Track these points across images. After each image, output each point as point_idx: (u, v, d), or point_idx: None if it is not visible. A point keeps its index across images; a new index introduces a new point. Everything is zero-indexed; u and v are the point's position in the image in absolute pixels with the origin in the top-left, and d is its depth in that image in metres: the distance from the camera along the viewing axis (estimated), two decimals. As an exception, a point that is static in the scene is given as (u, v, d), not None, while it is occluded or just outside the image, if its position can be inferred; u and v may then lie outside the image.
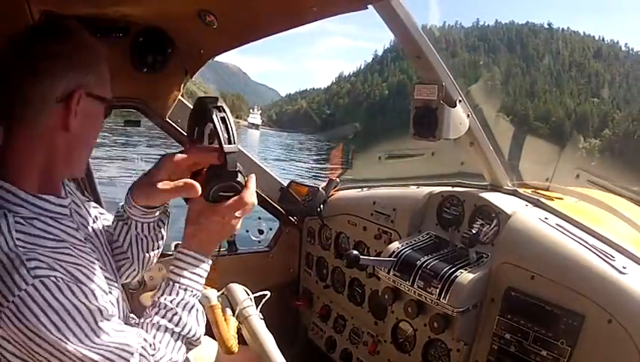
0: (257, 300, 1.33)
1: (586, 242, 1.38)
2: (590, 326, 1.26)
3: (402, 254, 1.62)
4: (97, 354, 0.88)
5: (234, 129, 1.04)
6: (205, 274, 1.08)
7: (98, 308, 0.89)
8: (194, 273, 1.05)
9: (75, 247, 0.96)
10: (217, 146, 1.03)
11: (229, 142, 1.02)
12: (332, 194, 2.23)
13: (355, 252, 1.61)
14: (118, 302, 1.02)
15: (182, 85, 1.93)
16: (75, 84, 0.93)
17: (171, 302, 1.01)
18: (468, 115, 1.57)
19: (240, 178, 1.08)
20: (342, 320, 2.14)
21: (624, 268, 1.28)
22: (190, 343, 1.05)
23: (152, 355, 0.95)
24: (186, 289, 1.04)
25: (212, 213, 1.06)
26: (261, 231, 2.34)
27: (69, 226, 0.99)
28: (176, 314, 1.01)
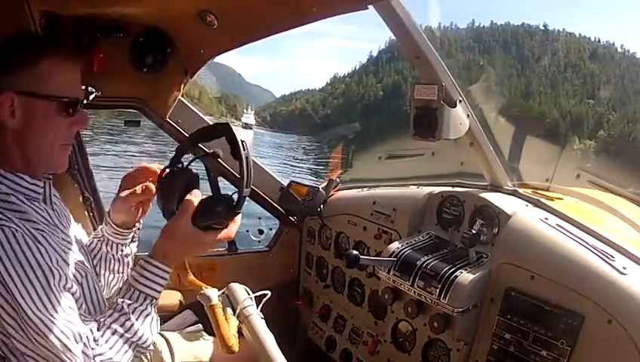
0: (258, 300, 1.34)
1: (586, 242, 1.38)
2: (590, 327, 1.26)
3: (402, 254, 1.62)
4: (44, 317, 0.93)
5: (252, 173, 1.05)
6: (165, 282, 1.11)
7: (55, 272, 0.97)
8: (156, 283, 1.09)
9: (43, 223, 1.05)
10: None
11: (246, 186, 1.04)
12: (332, 194, 2.23)
13: (355, 252, 1.61)
14: (84, 291, 1.09)
15: (182, 85, 1.93)
16: (6, 85, 1.02)
17: (128, 306, 1.05)
18: (468, 115, 1.57)
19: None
20: (342, 319, 2.14)
21: (624, 268, 1.28)
22: (140, 348, 1.07)
23: (92, 349, 0.98)
24: (145, 298, 1.08)
25: (200, 239, 1.11)
26: (261, 231, 2.34)
27: (42, 209, 1.09)
28: (128, 319, 1.04)
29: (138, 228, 1.36)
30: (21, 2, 1.32)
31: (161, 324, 1.60)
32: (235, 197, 1.08)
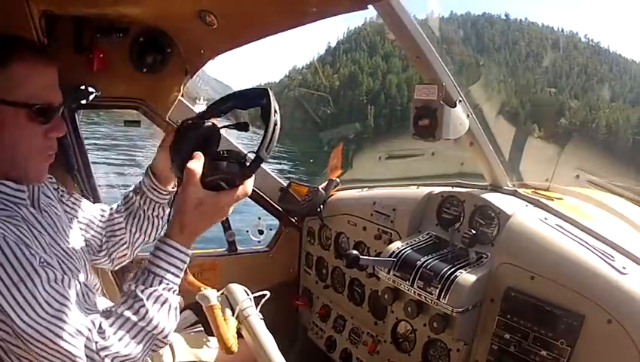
0: (257, 300, 1.33)
1: (586, 242, 1.38)
2: (590, 327, 1.26)
3: (402, 254, 1.62)
4: (34, 324, 0.86)
5: (276, 140, 0.99)
6: (183, 268, 1.02)
7: (41, 271, 0.89)
8: (172, 264, 0.99)
9: (29, 225, 1.01)
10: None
11: (267, 150, 0.98)
12: (332, 195, 2.23)
13: (355, 252, 1.61)
14: (77, 286, 0.99)
15: (182, 85, 1.93)
16: None
17: (142, 292, 0.96)
18: (468, 115, 1.56)
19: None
20: (342, 320, 2.14)
21: (624, 268, 1.28)
22: (157, 341, 0.99)
23: (96, 342, 0.90)
24: (161, 281, 0.97)
25: (214, 203, 1.00)
26: (261, 231, 2.34)
27: (29, 213, 1.04)
28: (143, 306, 0.94)
29: (175, 190, 1.22)
30: (21, 2, 1.32)
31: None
32: (251, 156, 0.99)
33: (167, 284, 0.98)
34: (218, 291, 1.31)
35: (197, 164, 0.99)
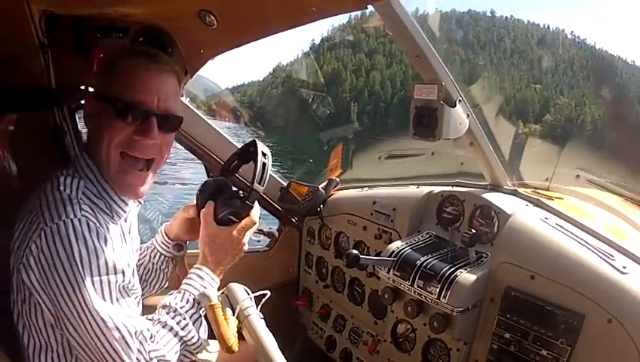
0: (257, 300, 1.34)
1: (586, 242, 1.38)
2: (590, 326, 1.26)
3: (402, 254, 1.62)
4: (107, 310, 0.95)
5: (267, 177, 1.26)
6: (214, 294, 1.18)
7: (120, 271, 1.00)
8: (205, 287, 1.19)
9: (120, 237, 1.11)
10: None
11: (260, 183, 1.24)
12: (332, 194, 2.23)
13: (355, 251, 1.61)
14: (137, 298, 1.15)
15: (182, 85, 1.93)
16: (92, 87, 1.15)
17: (181, 308, 1.12)
18: (468, 115, 1.57)
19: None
20: (342, 319, 2.14)
21: (624, 267, 1.28)
22: (189, 351, 1.14)
23: (149, 345, 1.02)
24: (196, 303, 1.15)
25: (227, 235, 1.22)
26: (261, 231, 2.34)
27: (120, 227, 1.14)
28: (184, 318, 1.11)
29: (183, 248, 1.45)
30: (21, 2, 1.32)
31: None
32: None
33: (200, 306, 1.16)
34: (218, 290, 1.32)
35: (208, 208, 1.25)
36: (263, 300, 1.33)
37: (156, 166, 1.15)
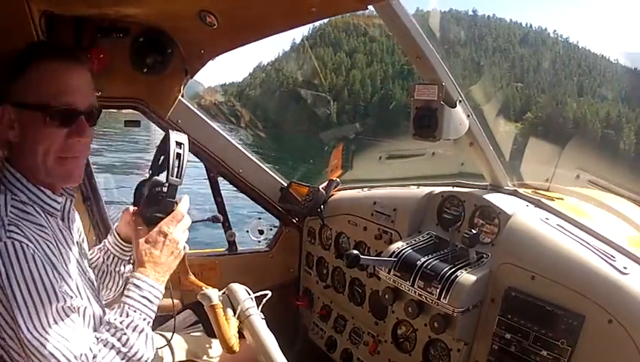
0: (258, 300, 1.34)
1: (587, 242, 1.38)
2: (590, 327, 1.26)
3: (403, 254, 1.62)
4: (41, 339, 0.91)
5: (184, 167, 1.17)
6: (156, 300, 1.11)
7: (60, 295, 0.95)
8: (143, 296, 1.09)
9: (57, 240, 1.05)
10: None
11: (176, 176, 1.16)
12: (332, 194, 2.23)
13: (356, 252, 1.61)
14: (85, 310, 1.04)
15: (182, 85, 1.93)
16: (6, 97, 1.01)
17: (121, 322, 1.04)
18: (468, 116, 1.57)
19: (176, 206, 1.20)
20: (342, 320, 2.14)
21: (625, 268, 1.28)
22: None
23: None
24: (135, 311, 1.06)
25: (155, 235, 1.14)
26: (261, 231, 2.34)
27: (57, 225, 1.08)
28: (124, 334, 1.03)
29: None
30: (21, 2, 1.32)
31: (160, 324, 1.60)
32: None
33: (141, 314, 1.07)
34: (219, 291, 1.32)
35: (134, 214, 1.21)
36: (264, 300, 1.33)
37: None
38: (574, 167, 1.85)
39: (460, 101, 1.54)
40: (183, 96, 1.97)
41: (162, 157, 1.22)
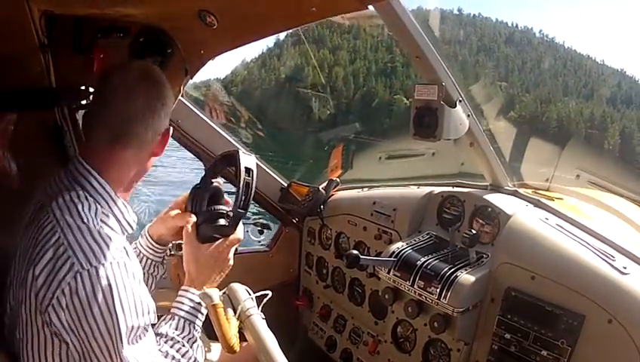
0: (258, 300, 1.33)
1: (587, 242, 1.38)
2: (590, 326, 1.26)
3: (402, 254, 1.62)
4: (134, 355, 0.95)
5: (251, 197, 1.18)
6: (205, 311, 1.17)
7: (153, 312, 1.02)
8: (197, 310, 1.16)
9: (129, 257, 1.06)
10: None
11: (242, 207, 1.17)
12: (332, 195, 2.23)
13: (356, 252, 1.61)
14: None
15: (182, 86, 1.93)
16: (168, 121, 1.17)
17: (179, 335, 1.11)
18: (468, 115, 1.57)
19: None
20: (342, 320, 2.14)
21: (624, 268, 1.28)
22: None
23: None
24: (190, 324, 1.14)
25: (211, 253, 1.19)
26: (261, 231, 2.33)
27: (129, 244, 1.10)
28: (184, 346, 1.11)
29: (170, 250, 1.40)
30: (21, 2, 1.32)
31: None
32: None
33: (194, 326, 1.15)
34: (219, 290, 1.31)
35: (188, 225, 1.20)
36: (265, 300, 1.33)
37: None
38: (574, 167, 1.85)
39: (460, 101, 1.54)
40: (183, 96, 1.97)
41: (219, 166, 1.26)
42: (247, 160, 1.20)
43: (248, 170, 1.18)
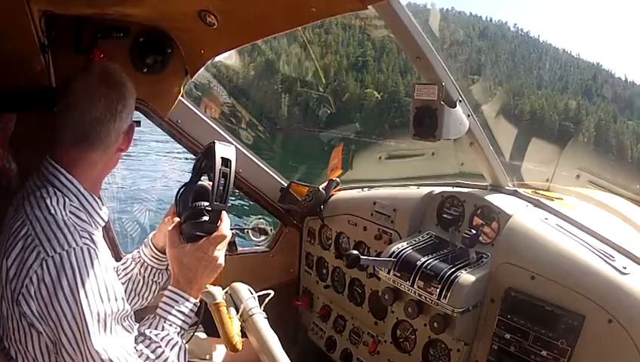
0: (260, 299, 1.34)
1: (587, 242, 1.38)
2: (590, 326, 1.26)
3: (402, 254, 1.62)
4: (101, 343, 0.95)
5: (230, 189, 1.12)
6: (191, 314, 1.15)
7: (122, 299, 1.02)
8: (180, 311, 1.12)
9: (96, 246, 1.07)
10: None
11: (221, 201, 1.11)
12: (332, 195, 2.23)
13: (356, 252, 1.61)
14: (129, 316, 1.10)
15: (182, 85, 1.93)
16: (131, 118, 1.22)
17: (156, 336, 1.08)
18: (468, 115, 1.57)
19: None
20: (342, 320, 2.14)
21: (624, 268, 1.28)
22: None
23: None
24: (171, 325, 1.11)
25: (194, 253, 1.14)
26: (262, 231, 2.33)
27: (99, 237, 1.13)
28: (159, 347, 1.07)
29: None
30: (21, 2, 1.32)
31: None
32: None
33: (176, 329, 1.11)
34: (222, 289, 1.32)
35: (173, 226, 1.18)
36: (267, 300, 1.33)
37: None
38: (574, 167, 1.85)
39: (460, 101, 1.54)
40: (183, 96, 1.97)
41: (204, 162, 1.18)
42: (224, 150, 1.12)
43: (225, 161, 1.11)
